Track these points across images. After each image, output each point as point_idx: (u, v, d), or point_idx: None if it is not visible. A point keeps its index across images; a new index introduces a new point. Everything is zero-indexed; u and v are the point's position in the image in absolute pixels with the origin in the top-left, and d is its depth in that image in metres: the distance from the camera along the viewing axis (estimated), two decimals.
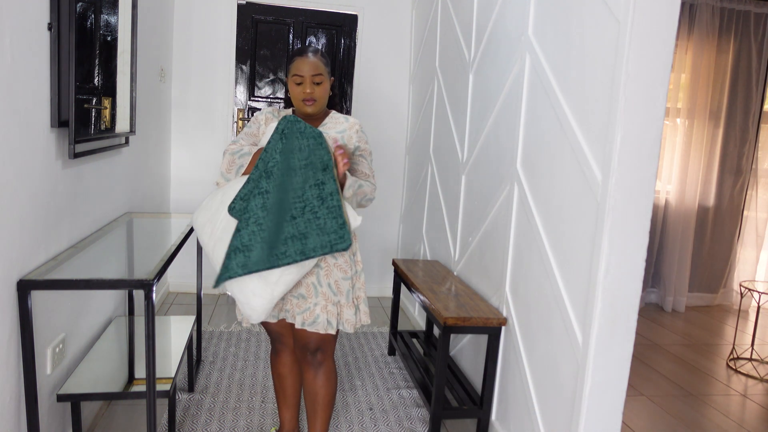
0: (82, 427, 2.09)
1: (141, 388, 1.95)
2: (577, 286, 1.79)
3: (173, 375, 2.04)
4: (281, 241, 1.70)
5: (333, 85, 2.02)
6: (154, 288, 1.68)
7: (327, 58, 1.94)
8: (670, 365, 3.43)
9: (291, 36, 4.09)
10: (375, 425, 2.48)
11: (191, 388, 2.63)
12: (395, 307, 3.23)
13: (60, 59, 1.82)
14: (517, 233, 2.28)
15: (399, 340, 3.14)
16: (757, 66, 4.55)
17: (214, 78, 4.00)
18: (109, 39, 2.26)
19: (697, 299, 4.79)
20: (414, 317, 3.87)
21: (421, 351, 3.14)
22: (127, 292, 2.77)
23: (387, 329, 3.66)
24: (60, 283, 1.70)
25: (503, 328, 2.33)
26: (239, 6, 3.98)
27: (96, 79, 2.13)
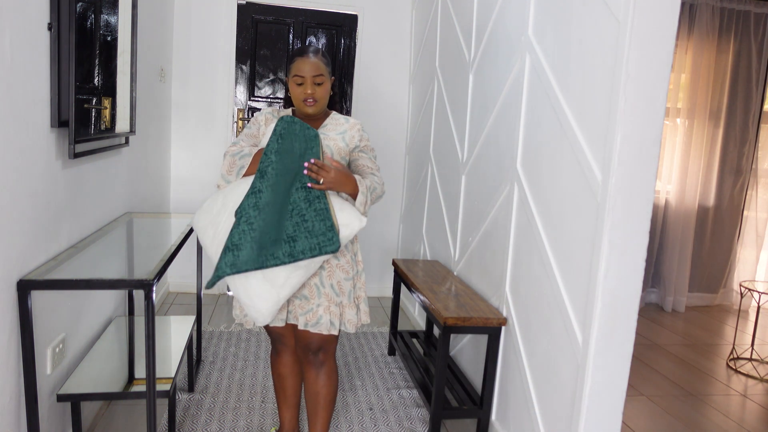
0: (82, 427, 2.09)
1: (141, 388, 1.95)
2: (577, 286, 1.79)
3: (173, 375, 2.04)
4: (271, 242, 1.69)
5: (333, 85, 2.01)
6: (154, 288, 1.68)
7: (328, 57, 1.92)
8: (670, 365, 3.43)
9: (291, 36, 4.09)
10: (375, 425, 2.48)
11: (191, 388, 2.63)
12: (395, 307, 3.23)
13: (60, 59, 1.82)
14: (517, 233, 2.28)
15: (399, 340, 3.14)
16: (757, 66, 4.55)
17: (214, 78, 4.00)
18: (109, 39, 2.26)
19: (697, 299, 4.79)
20: (414, 317, 3.87)
21: (421, 351, 3.14)
22: (127, 292, 2.77)
23: (387, 329, 3.66)
24: (60, 283, 1.70)
25: (503, 328, 2.33)
26: (239, 6, 3.98)
27: (96, 79, 2.13)
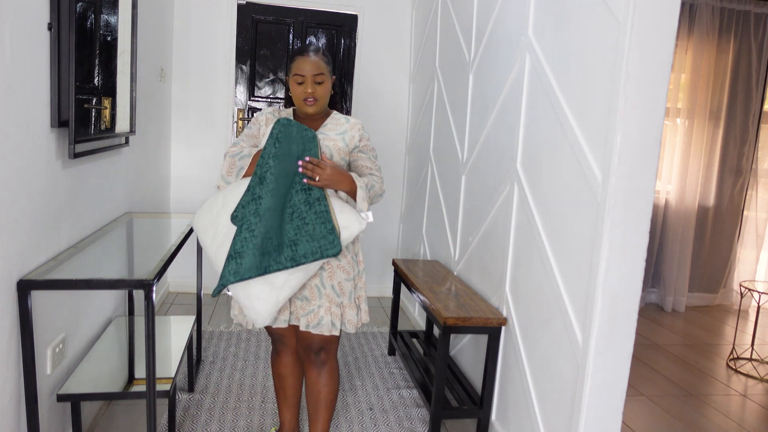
0: (82, 427, 2.09)
1: (141, 388, 1.95)
2: (577, 286, 1.79)
3: (173, 375, 2.04)
4: (273, 247, 1.69)
5: (334, 84, 2.01)
6: (154, 288, 1.68)
7: (328, 56, 1.92)
8: (670, 365, 3.43)
9: (291, 36, 4.09)
10: (375, 425, 2.48)
11: (191, 388, 2.63)
12: (395, 307, 3.23)
13: (60, 59, 1.82)
14: (517, 233, 2.28)
15: (399, 340, 3.14)
16: (757, 66, 4.55)
17: (214, 78, 4.00)
18: (109, 39, 2.26)
19: (697, 299, 4.79)
20: (414, 317, 3.87)
21: (421, 351, 3.14)
22: (127, 292, 2.77)
23: (387, 329, 3.66)
24: (60, 283, 1.70)
25: (503, 328, 2.33)
26: (239, 6, 3.98)
27: (96, 79, 2.13)
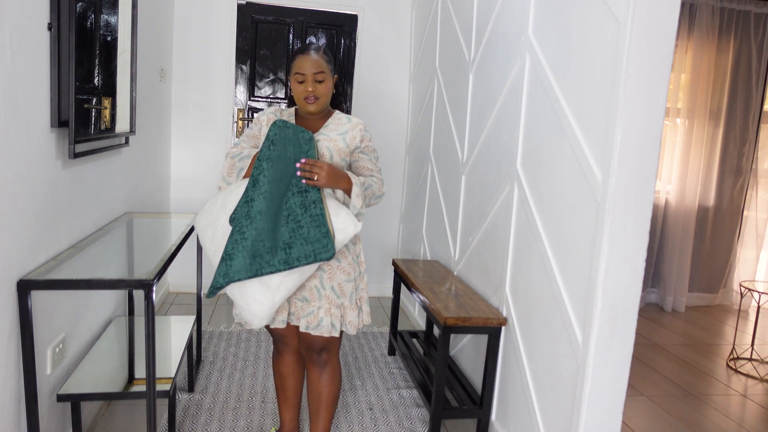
0: (82, 427, 2.09)
1: (141, 388, 1.95)
2: (577, 286, 1.79)
3: (173, 375, 2.04)
4: (266, 250, 1.68)
5: (337, 84, 2.00)
6: (154, 288, 1.68)
7: (330, 55, 1.91)
8: (670, 365, 3.43)
9: (291, 36, 4.09)
10: (375, 425, 2.48)
11: (191, 388, 2.63)
12: (395, 307, 3.23)
13: (60, 59, 1.82)
14: (517, 233, 2.28)
15: (399, 340, 3.14)
16: (757, 66, 4.55)
17: (214, 78, 4.00)
18: (109, 39, 2.26)
19: (697, 299, 4.79)
20: (414, 317, 3.87)
21: (421, 351, 3.14)
22: (127, 292, 2.77)
23: (387, 329, 3.66)
24: (60, 283, 1.69)
25: (503, 328, 2.33)
26: (239, 6, 3.98)
27: (96, 79, 2.13)
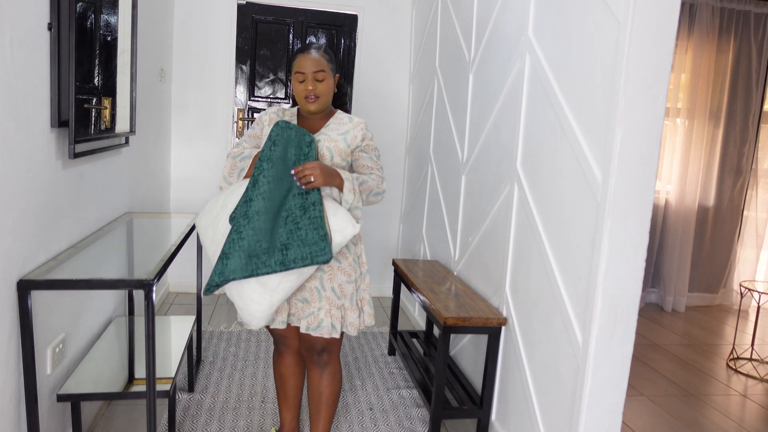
0: (82, 427, 2.09)
1: (141, 388, 1.95)
2: (577, 286, 1.79)
3: (173, 375, 2.04)
4: (262, 250, 1.68)
5: (341, 84, 1.99)
6: (154, 288, 1.68)
7: (331, 54, 1.90)
8: (670, 365, 3.43)
9: (291, 36, 4.09)
10: (375, 425, 2.48)
11: (191, 388, 2.63)
12: (395, 307, 3.23)
13: (60, 59, 1.81)
14: (517, 233, 2.28)
15: (399, 340, 3.14)
16: (757, 66, 4.55)
17: (214, 78, 4.00)
18: (109, 39, 2.26)
19: (697, 299, 4.79)
20: (414, 317, 3.87)
21: (421, 351, 3.14)
22: (127, 292, 2.77)
23: (387, 329, 3.66)
24: (60, 283, 1.69)
25: (503, 328, 2.33)
26: (239, 6, 3.98)
27: (96, 79, 2.13)
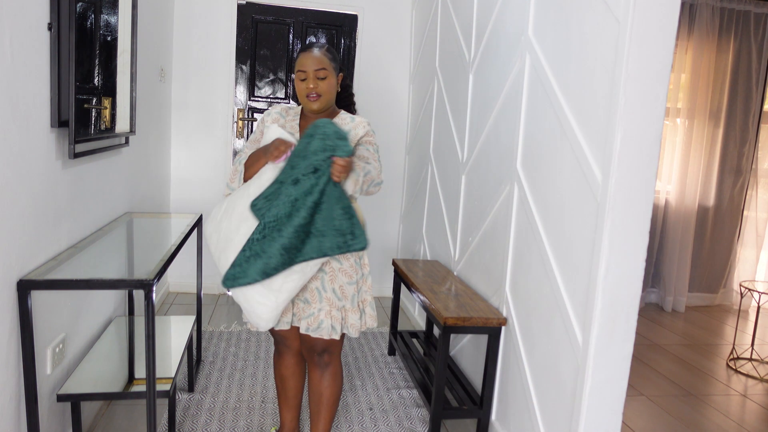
0: (82, 427, 2.09)
1: (141, 388, 1.95)
2: (577, 286, 1.79)
3: (173, 375, 2.04)
4: (299, 241, 1.67)
5: (346, 84, 1.99)
6: (154, 288, 1.68)
7: (334, 53, 1.89)
8: (670, 365, 3.43)
9: (291, 36, 4.09)
10: (375, 425, 2.48)
11: (191, 388, 2.63)
12: (395, 307, 3.23)
13: (60, 59, 1.81)
14: (517, 233, 2.28)
15: (399, 340, 3.14)
16: (757, 66, 4.55)
17: (214, 78, 4.00)
18: (109, 39, 2.26)
19: (697, 299, 4.79)
20: (414, 317, 3.87)
21: (421, 351, 3.14)
22: (127, 292, 2.77)
23: (387, 329, 3.66)
24: (60, 283, 1.70)
25: (503, 328, 2.33)
26: (239, 6, 3.98)
27: (96, 79, 2.13)
